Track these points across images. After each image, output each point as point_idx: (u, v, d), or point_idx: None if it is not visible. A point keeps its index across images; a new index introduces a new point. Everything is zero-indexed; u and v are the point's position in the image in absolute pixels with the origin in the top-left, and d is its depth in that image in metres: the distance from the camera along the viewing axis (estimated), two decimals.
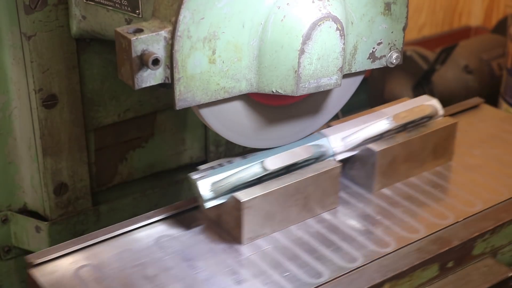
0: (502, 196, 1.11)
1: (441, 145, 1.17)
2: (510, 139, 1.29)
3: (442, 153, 1.18)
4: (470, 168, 1.19)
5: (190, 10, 0.83)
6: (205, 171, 1.00)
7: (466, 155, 1.23)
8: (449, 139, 1.18)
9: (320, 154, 1.07)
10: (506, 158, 1.22)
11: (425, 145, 1.15)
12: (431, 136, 1.15)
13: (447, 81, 2.35)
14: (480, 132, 1.31)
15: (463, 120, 1.33)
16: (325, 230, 1.03)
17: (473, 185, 1.14)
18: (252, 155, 1.04)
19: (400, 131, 1.13)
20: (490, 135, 1.30)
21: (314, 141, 1.08)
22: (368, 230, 1.03)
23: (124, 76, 0.85)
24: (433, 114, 1.16)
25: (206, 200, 0.98)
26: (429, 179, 1.16)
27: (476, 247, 1.03)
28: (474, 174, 1.17)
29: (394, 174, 1.13)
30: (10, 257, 1.21)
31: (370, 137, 1.10)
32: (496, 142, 1.28)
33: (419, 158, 1.15)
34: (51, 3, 1.02)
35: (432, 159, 1.17)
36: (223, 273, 0.94)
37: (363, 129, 1.11)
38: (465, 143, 1.26)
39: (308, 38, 0.90)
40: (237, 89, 0.92)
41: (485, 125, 1.34)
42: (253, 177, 1.00)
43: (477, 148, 1.25)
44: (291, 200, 1.02)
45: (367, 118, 1.13)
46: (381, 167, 1.11)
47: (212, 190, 0.98)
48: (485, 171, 1.18)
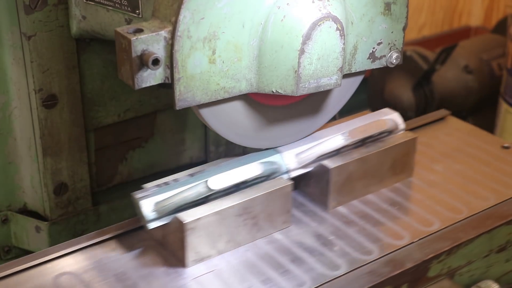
0: (461, 215, 1.07)
1: (400, 160, 1.13)
2: (475, 154, 1.24)
3: (402, 169, 1.14)
4: (431, 184, 1.15)
5: (190, 10, 0.83)
6: (149, 190, 0.96)
7: (428, 170, 1.19)
8: (409, 155, 1.14)
9: (272, 171, 1.03)
10: (469, 173, 1.18)
11: (383, 161, 1.11)
12: (390, 152, 1.11)
13: (447, 81, 2.35)
14: (444, 146, 1.27)
15: (427, 133, 1.29)
16: (275, 252, 0.99)
17: (432, 203, 1.10)
18: (200, 173, 1.00)
19: (358, 146, 1.10)
20: (454, 149, 1.25)
21: (266, 157, 1.04)
22: (320, 251, 0.99)
23: (124, 76, 0.85)
24: (392, 128, 1.12)
25: (149, 221, 0.95)
26: (387, 196, 1.12)
27: (431, 268, 1.00)
28: (434, 191, 1.13)
29: (350, 191, 1.09)
30: (10, 257, 1.21)
31: (325, 153, 1.06)
32: (459, 157, 1.23)
33: (377, 174, 1.11)
34: (51, 3, 1.02)
35: (391, 175, 1.13)
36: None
37: (318, 145, 1.07)
38: (427, 158, 1.22)
39: (308, 38, 0.90)
40: (237, 89, 0.92)
41: (450, 139, 1.29)
42: (198, 197, 0.96)
43: (440, 163, 1.21)
44: (239, 220, 0.98)
45: (323, 133, 1.09)
46: (335, 184, 1.06)
47: (155, 210, 0.94)
48: (445, 187, 1.14)
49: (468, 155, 1.23)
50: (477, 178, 1.17)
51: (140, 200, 0.95)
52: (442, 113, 1.36)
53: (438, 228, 1.04)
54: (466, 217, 1.07)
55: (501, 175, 1.17)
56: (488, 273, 1.09)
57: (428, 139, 1.28)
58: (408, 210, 1.08)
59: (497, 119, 2.24)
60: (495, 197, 1.11)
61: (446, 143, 1.27)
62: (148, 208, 0.94)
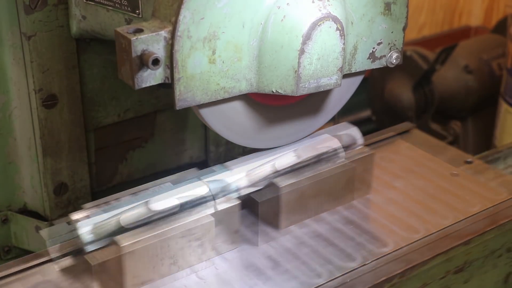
0: (417, 235, 1.03)
1: (356, 177, 1.08)
2: (437, 169, 1.19)
3: (358, 186, 1.09)
4: (388, 202, 1.10)
5: (190, 10, 0.83)
6: (88, 210, 0.93)
7: (387, 187, 1.14)
8: (366, 171, 1.09)
9: (220, 190, 0.99)
10: (429, 190, 1.13)
11: (338, 178, 1.06)
12: (345, 169, 1.06)
13: (447, 81, 2.35)
14: (405, 161, 1.22)
15: (390, 147, 1.25)
16: (223, 274, 0.96)
17: (388, 222, 1.05)
18: (143, 192, 0.97)
19: (313, 162, 1.05)
20: (416, 164, 1.20)
21: (215, 175, 1.00)
22: (267, 275, 0.96)
23: (124, 76, 0.85)
24: (350, 143, 1.08)
25: (86, 244, 0.91)
26: (343, 215, 1.07)
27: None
28: (392, 209, 1.09)
29: (303, 210, 1.04)
30: (10, 257, 1.21)
31: (277, 170, 1.02)
32: (421, 173, 1.18)
33: (332, 192, 1.07)
34: (51, 3, 1.02)
35: (347, 192, 1.08)
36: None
37: (269, 162, 1.02)
38: (387, 174, 1.17)
39: (308, 38, 0.90)
40: (237, 89, 0.92)
41: (412, 153, 1.24)
42: (138, 219, 0.93)
43: (400, 179, 1.16)
44: (183, 242, 0.94)
45: (275, 150, 1.05)
46: (287, 203, 1.02)
47: (93, 232, 0.91)
48: (403, 205, 1.09)
49: (430, 170, 1.18)
50: (437, 195, 1.12)
51: (78, 222, 0.91)
52: (406, 126, 1.30)
53: (393, 249, 0.99)
54: (422, 237, 1.02)
55: (462, 192, 1.12)
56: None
57: (390, 154, 1.23)
58: (363, 230, 1.04)
59: (497, 119, 2.24)
60: (454, 216, 1.07)
61: (408, 158, 1.22)
62: (86, 230, 0.91)
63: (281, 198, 1.01)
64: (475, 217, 1.06)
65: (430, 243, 1.01)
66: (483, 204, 1.09)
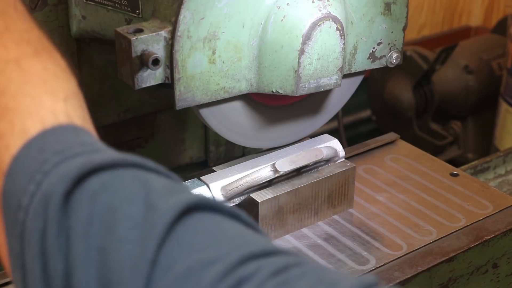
0: (399, 251, 0.99)
1: (337, 191, 1.05)
2: (421, 182, 1.15)
3: (340, 200, 1.06)
4: (371, 217, 1.06)
5: (190, 10, 0.83)
6: None
7: (369, 201, 1.10)
8: (347, 185, 1.06)
9: None
10: (413, 204, 1.08)
11: (318, 193, 1.03)
12: (325, 183, 1.03)
13: (447, 81, 2.36)
14: (389, 173, 1.17)
15: (374, 159, 1.21)
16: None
17: (369, 238, 1.02)
18: None
19: (292, 176, 1.02)
20: (400, 176, 1.16)
21: (190, 189, 0.96)
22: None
23: (124, 76, 0.85)
24: (330, 156, 1.04)
25: None
26: (323, 230, 1.03)
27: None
28: (374, 223, 1.05)
29: (282, 225, 1.01)
30: None
31: (254, 185, 0.98)
32: (405, 186, 1.14)
33: (312, 207, 1.03)
34: (51, 3, 1.02)
35: (328, 207, 1.05)
36: None
37: (246, 176, 0.98)
38: (371, 187, 1.14)
39: (308, 38, 0.90)
40: (237, 89, 0.92)
41: (396, 165, 1.20)
42: None
43: (383, 193, 1.12)
44: None
45: (253, 163, 1.02)
46: (265, 218, 0.99)
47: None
48: (386, 220, 1.05)
49: (414, 183, 1.15)
50: (420, 209, 1.08)
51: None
52: (391, 137, 1.26)
53: (373, 267, 0.96)
54: (405, 254, 0.98)
55: (447, 206, 1.09)
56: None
57: (374, 166, 1.19)
58: (343, 246, 1.00)
59: (497, 119, 2.24)
60: (438, 231, 1.03)
61: (392, 170, 1.18)
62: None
63: (259, 213, 0.98)
64: (459, 232, 1.03)
65: (413, 260, 0.97)
66: (468, 219, 1.05)
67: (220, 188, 0.98)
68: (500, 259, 1.05)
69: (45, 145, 0.55)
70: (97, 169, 0.53)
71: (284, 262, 0.49)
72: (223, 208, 0.54)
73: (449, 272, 0.99)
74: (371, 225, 1.05)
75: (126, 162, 0.55)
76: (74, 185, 0.52)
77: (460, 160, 2.38)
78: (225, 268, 0.48)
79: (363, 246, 1.00)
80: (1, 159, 0.55)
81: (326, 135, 1.10)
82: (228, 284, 0.47)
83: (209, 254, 0.49)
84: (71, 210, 0.51)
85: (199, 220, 0.52)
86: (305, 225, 1.04)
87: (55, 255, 0.50)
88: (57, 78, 0.61)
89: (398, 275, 0.95)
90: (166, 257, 0.49)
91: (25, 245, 0.52)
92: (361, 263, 0.97)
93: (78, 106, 0.61)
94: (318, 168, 1.04)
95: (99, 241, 0.50)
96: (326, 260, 0.98)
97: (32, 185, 0.52)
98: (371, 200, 1.10)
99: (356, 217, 1.07)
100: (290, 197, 1.00)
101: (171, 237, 0.50)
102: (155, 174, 0.56)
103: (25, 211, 0.52)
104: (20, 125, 0.56)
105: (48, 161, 0.53)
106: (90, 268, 0.49)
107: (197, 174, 1.00)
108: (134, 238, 0.49)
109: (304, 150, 1.05)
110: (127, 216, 0.50)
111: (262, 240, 0.53)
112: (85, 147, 0.56)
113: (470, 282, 1.03)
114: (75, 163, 0.53)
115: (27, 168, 0.54)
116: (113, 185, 0.53)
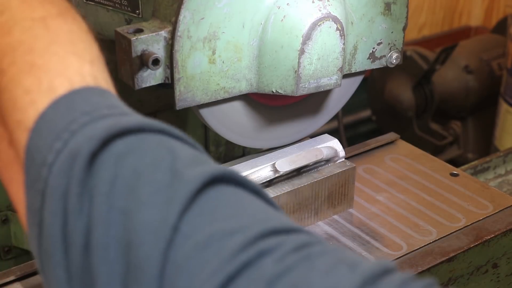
0: (399, 251, 0.99)
1: (337, 192, 1.05)
2: (421, 182, 1.15)
3: (340, 200, 1.06)
4: (371, 217, 1.06)
5: (190, 10, 0.83)
6: None
7: (370, 201, 1.10)
8: (347, 185, 1.06)
9: None
10: (413, 204, 1.09)
11: (318, 193, 1.03)
12: (325, 183, 1.03)
13: (447, 81, 2.36)
14: (390, 173, 1.17)
15: (374, 159, 1.21)
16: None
17: (369, 238, 1.02)
18: None
19: (292, 176, 1.02)
20: (400, 176, 1.16)
21: None
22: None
23: (124, 76, 0.85)
24: (330, 156, 1.04)
25: None
26: (323, 230, 1.04)
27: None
28: (374, 223, 1.05)
29: None
30: (10, 257, 1.21)
31: None
32: (404, 186, 1.14)
33: (312, 207, 1.03)
34: None
35: (328, 207, 1.05)
36: None
37: (246, 176, 0.97)
38: (371, 187, 1.13)
39: (308, 38, 0.90)
40: (237, 89, 0.92)
41: (396, 165, 1.19)
42: None
43: (383, 193, 1.12)
44: None
45: (253, 163, 1.02)
46: None
47: None
48: (386, 220, 1.05)
49: (414, 183, 1.15)
50: (420, 209, 1.08)
51: None
52: (391, 137, 1.26)
53: None
54: (405, 254, 0.98)
55: (447, 206, 1.08)
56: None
57: (374, 166, 1.19)
58: (344, 246, 1.00)
59: (497, 119, 2.24)
60: (438, 232, 1.03)
61: (392, 170, 1.18)
62: None
63: None
64: (460, 232, 1.03)
65: (412, 260, 0.97)
66: (468, 219, 1.05)
67: None
68: (500, 259, 1.05)
69: (73, 104, 0.55)
70: (124, 132, 0.53)
71: (306, 240, 0.49)
72: (247, 183, 0.54)
73: (449, 272, 0.99)
74: (371, 225, 1.05)
75: (153, 127, 0.55)
76: (100, 146, 0.52)
77: (460, 160, 2.38)
78: (246, 239, 0.48)
79: (363, 246, 1.00)
80: (26, 114, 0.55)
81: (326, 135, 1.10)
82: (249, 255, 0.47)
83: (231, 224, 0.49)
84: (96, 170, 0.51)
85: (222, 192, 0.52)
86: (305, 225, 1.04)
87: (76, 213, 0.50)
88: (82, 40, 0.61)
89: None
90: (188, 224, 0.49)
91: (45, 202, 0.52)
92: None
93: (102, 69, 0.61)
94: (318, 168, 1.04)
95: (122, 203, 0.50)
96: None
97: (59, 143, 0.52)
98: (371, 200, 1.10)
99: (356, 217, 1.07)
100: (290, 197, 1.00)
101: (194, 206, 0.49)
102: (181, 142, 0.56)
103: (49, 167, 0.52)
104: (48, 83, 0.56)
105: (76, 120, 0.53)
106: (111, 228, 0.49)
107: None
108: (158, 203, 0.49)
109: (304, 150, 1.05)
110: (151, 180, 0.50)
111: (284, 218, 0.53)
112: (112, 110, 0.56)
113: (470, 282, 1.03)
114: (103, 124, 0.53)
115: (54, 126, 0.53)
116: (139, 149, 0.53)
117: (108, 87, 0.60)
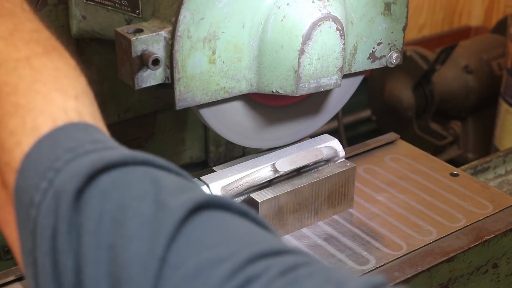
0: (399, 251, 0.98)
1: (337, 191, 1.05)
2: (421, 182, 1.15)
3: (340, 200, 1.06)
4: (371, 216, 1.06)
5: (190, 10, 0.83)
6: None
7: (370, 201, 1.10)
8: (347, 185, 1.06)
9: None
10: (412, 204, 1.09)
11: (318, 193, 1.03)
12: (325, 183, 1.03)
13: (447, 81, 2.36)
14: (390, 173, 1.17)
15: (374, 159, 1.21)
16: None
17: (370, 238, 1.02)
18: None
19: (292, 176, 1.02)
20: (400, 176, 1.16)
21: None
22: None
23: (124, 76, 0.85)
24: (330, 156, 1.04)
25: None
26: (323, 230, 1.03)
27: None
28: (374, 223, 1.05)
29: (282, 225, 1.01)
30: (10, 257, 1.21)
31: (254, 185, 0.98)
32: (404, 186, 1.14)
33: (312, 207, 1.03)
34: (51, 3, 1.02)
35: (328, 207, 1.05)
36: None
37: (246, 176, 0.98)
38: (371, 187, 1.13)
39: (308, 38, 0.90)
40: (237, 89, 0.92)
41: (396, 165, 1.19)
42: None
43: (383, 193, 1.11)
44: None
45: (252, 163, 1.02)
46: (265, 218, 0.97)
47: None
48: (386, 220, 1.05)
49: (414, 183, 1.15)
50: (420, 209, 1.08)
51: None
52: (391, 137, 1.26)
53: (373, 267, 0.96)
54: (405, 254, 0.98)
55: (447, 206, 1.08)
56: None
57: (374, 166, 1.19)
58: (343, 246, 1.00)
59: (497, 119, 2.24)
60: (438, 231, 1.03)
61: (392, 170, 1.18)
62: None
63: (259, 213, 0.97)
64: (460, 232, 1.03)
65: (413, 260, 0.97)
66: (468, 219, 1.05)
67: (220, 188, 0.98)
68: (500, 259, 1.05)
69: (56, 142, 0.55)
70: (108, 167, 0.54)
71: (292, 262, 0.49)
72: (233, 206, 0.54)
73: (449, 272, 0.99)
74: (371, 225, 1.05)
75: (137, 159, 0.56)
76: (85, 183, 0.52)
77: (460, 160, 2.38)
78: (234, 267, 0.48)
79: (363, 246, 1.00)
80: (13, 156, 0.56)
81: (326, 135, 1.10)
82: (237, 282, 0.47)
83: (218, 252, 0.49)
84: (82, 207, 0.51)
85: (208, 218, 0.52)
86: (305, 225, 1.04)
87: (65, 252, 0.50)
88: (67, 76, 0.61)
89: (398, 275, 0.95)
90: (175, 255, 0.49)
91: (37, 242, 0.52)
92: (361, 263, 0.97)
93: (88, 103, 0.62)
94: (318, 168, 1.04)
95: (109, 239, 0.50)
96: (326, 260, 0.98)
97: (44, 182, 0.53)
98: (371, 200, 1.10)
99: (356, 217, 1.06)
100: (290, 197, 1.00)
101: (180, 235, 0.50)
102: (165, 171, 0.56)
103: (37, 208, 0.52)
104: (32, 122, 0.56)
105: (60, 158, 0.54)
106: (100, 265, 0.49)
107: (197, 174, 1.00)
108: (144, 236, 0.49)
109: (304, 150, 1.05)
110: (137, 213, 0.51)
111: (271, 239, 0.53)
112: (96, 145, 0.56)
113: (470, 282, 1.03)
114: (87, 160, 0.54)
115: (39, 165, 0.54)
116: (123, 183, 0.53)
117: (94, 121, 0.61)
